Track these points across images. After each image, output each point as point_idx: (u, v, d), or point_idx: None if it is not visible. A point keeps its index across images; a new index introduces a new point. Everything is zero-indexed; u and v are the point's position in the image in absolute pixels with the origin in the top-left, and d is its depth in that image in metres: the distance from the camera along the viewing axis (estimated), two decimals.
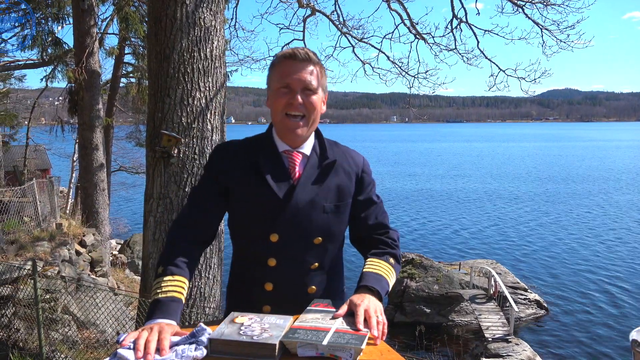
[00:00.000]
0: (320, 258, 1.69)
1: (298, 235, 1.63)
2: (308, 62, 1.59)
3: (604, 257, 22.02)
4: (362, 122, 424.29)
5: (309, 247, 1.66)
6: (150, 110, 4.23)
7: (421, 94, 10.53)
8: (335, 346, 1.22)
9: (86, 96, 10.70)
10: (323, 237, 1.66)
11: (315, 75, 1.60)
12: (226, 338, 1.25)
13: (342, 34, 9.68)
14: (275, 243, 1.62)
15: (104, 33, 14.87)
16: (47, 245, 7.96)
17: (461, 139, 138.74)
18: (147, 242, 4.28)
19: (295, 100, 1.57)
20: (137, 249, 16.44)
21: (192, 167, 4.14)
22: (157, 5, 4.04)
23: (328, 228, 1.66)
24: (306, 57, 1.59)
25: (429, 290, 16.94)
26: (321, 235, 1.66)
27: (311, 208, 1.62)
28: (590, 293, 17.96)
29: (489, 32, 8.81)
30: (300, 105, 1.57)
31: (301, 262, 1.66)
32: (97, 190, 11.17)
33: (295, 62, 1.58)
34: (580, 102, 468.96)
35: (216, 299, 4.39)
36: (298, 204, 1.60)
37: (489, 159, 72.40)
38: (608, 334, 14.91)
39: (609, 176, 49.50)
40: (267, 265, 1.64)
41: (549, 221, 29.17)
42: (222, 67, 4.30)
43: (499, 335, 14.13)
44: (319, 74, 1.62)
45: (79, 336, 6.51)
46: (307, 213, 1.62)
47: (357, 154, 1.79)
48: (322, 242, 1.66)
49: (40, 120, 26.54)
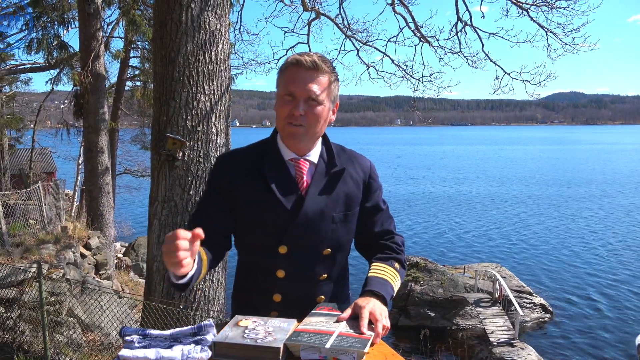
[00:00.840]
0: (329, 269, 1.67)
1: (307, 247, 1.60)
2: (315, 71, 1.52)
3: (609, 260, 21.90)
4: (367, 125, 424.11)
5: (318, 259, 1.63)
6: (156, 114, 4.24)
7: (426, 97, 10.53)
8: (338, 349, 1.22)
9: (92, 99, 10.75)
10: (332, 248, 1.64)
11: (322, 85, 1.54)
12: (230, 341, 1.25)
13: (346, 37, 9.70)
14: (284, 255, 1.59)
15: (110, 36, 14.95)
16: (52, 248, 7.99)
17: (466, 142, 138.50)
18: (151, 245, 4.29)
19: (297, 111, 1.51)
20: (142, 252, 16.46)
21: (197, 170, 4.15)
22: (162, 8, 4.06)
23: (337, 239, 1.64)
24: (313, 66, 1.52)
25: (433, 293, 16.89)
26: (330, 246, 1.63)
27: (320, 219, 1.59)
28: (596, 297, 17.86)
29: (493, 35, 8.81)
30: (302, 116, 1.52)
31: (310, 274, 1.64)
32: (102, 193, 11.21)
33: (301, 70, 1.52)
34: (585, 105, 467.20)
35: (220, 302, 4.39)
36: (307, 215, 1.57)
37: (493, 162, 72.23)
38: (613, 339, 14.81)
39: (614, 180, 49.27)
40: (275, 277, 1.61)
41: (554, 224, 29.05)
42: (227, 71, 4.32)
43: (503, 339, 14.07)
44: (327, 83, 1.55)
45: (83, 339, 6.52)
46: (317, 224, 1.59)
47: (364, 158, 1.76)
48: (330, 253, 1.64)
49: (46, 124, 26.67)
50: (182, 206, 4.13)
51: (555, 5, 8.00)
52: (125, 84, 17.32)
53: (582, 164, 67.28)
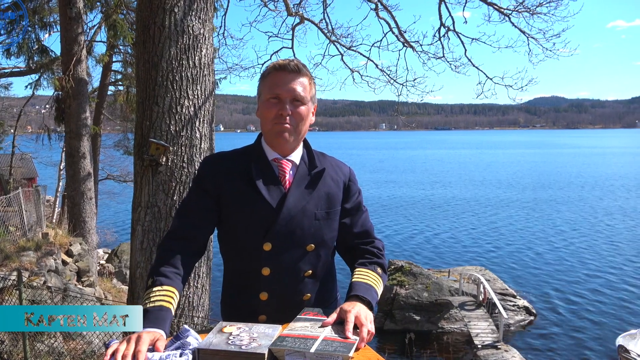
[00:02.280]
0: (314, 265, 1.70)
1: (291, 243, 1.64)
2: (298, 74, 1.63)
3: (591, 262, 22.20)
4: (351, 129, 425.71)
5: (302, 255, 1.67)
6: (139, 119, 4.21)
7: (410, 101, 10.63)
8: (323, 354, 1.21)
9: (73, 104, 10.61)
10: (315, 244, 1.68)
11: (304, 86, 1.64)
12: (215, 348, 1.24)
13: (330, 42, 9.73)
14: (268, 252, 1.63)
15: (92, 40, 14.79)
16: (32, 255, 7.86)
17: (449, 147, 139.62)
18: (134, 251, 4.24)
19: (285, 111, 1.60)
20: (125, 258, 16.26)
21: (180, 176, 4.12)
22: (145, 13, 4.03)
23: (320, 235, 1.68)
24: (296, 69, 1.62)
25: (418, 297, 16.94)
26: (314, 242, 1.67)
27: (303, 215, 1.64)
28: (578, 299, 18.08)
29: (476, 40, 8.91)
30: (289, 116, 1.61)
31: (295, 270, 1.67)
32: (84, 199, 11.06)
33: (285, 73, 1.62)
34: (566, 109, 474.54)
35: (205, 308, 4.36)
36: (290, 212, 1.62)
37: (476, 166, 72.87)
38: (596, 340, 15.00)
39: (595, 183, 50.01)
40: (261, 275, 1.64)
41: (537, 227, 29.39)
42: (210, 75, 4.30)
43: (488, 342, 14.15)
44: (308, 85, 1.65)
45: (65, 347, 6.41)
46: (300, 221, 1.64)
47: (344, 164, 1.83)
48: (314, 249, 1.68)
49: (27, 129, 26.23)
50: (166, 212, 4.09)
51: (536, 11, 8.13)
52: (108, 88, 17.15)
53: (563, 168, 68.20)
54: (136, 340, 1.25)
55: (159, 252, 1.62)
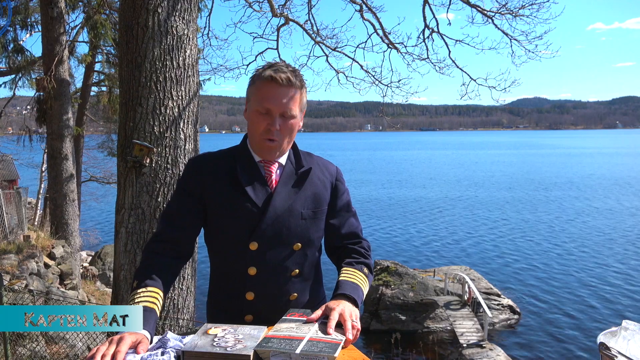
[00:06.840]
0: (300, 264, 1.70)
1: (277, 242, 1.64)
2: (289, 87, 1.59)
3: (574, 261, 22.51)
4: (337, 130, 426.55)
5: (288, 254, 1.67)
6: (122, 120, 4.17)
7: (394, 102, 10.66)
8: (308, 355, 1.22)
9: (55, 105, 10.46)
10: (302, 243, 1.68)
11: (295, 100, 1.61)
12: (200, 350, 1.24)
13: (315, 43, 9.73)
14: (254, 251, 1.62)
15: (74, 41, 14.61)
16: (14, 258, 7.73)
17: (434, 147, 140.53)
18: (118, 254, 4.20)
19: (274, 127, 1.58)
20: (109, 261, 16.09)
21: (164, 177, 4.09)
22: (128, 13, 4.00)
23: (306, 234, 1.68)
24: (287, 82, 1.58)
25: (404, 297, 17.02)
26: (300, 241, 1.67)
27: (289, 215, 1.64)
28: (561, 297, 18.30)
29: (460, 42, 8.98)
30: (277, 131, 1.59)
31: (281, 270, 1.67)
32: (67, 201, 10.91)
33: (276, 87, 1.58)
34: (549, 110, 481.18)
35: (190, 310, 4.33)
36: (276, 211, 1.62)
37: (461, 167, 73.44)
38: (578, 337, 15.20)
39: (577, 183, 50.71)
40: (247, 275, 1.64)
41: (520, 226, 29.70)
42: (195, 76, 4.28)
43: (473, 341, 14.27)
44: (299, 97, 1.63)
45: (47, 351, 6.32)
46: (286, 220, 1.64)
47: (331, 163, 1.83)
48: (301, 248, 1.68)
49: (8, 130, 25.81)
50: (150, 213, 4.06)
51: (518, 14, 8.22)
52: (90, 89, 16.94)
53: (546, 168, 69.01)
54: (118, 341, 1.25)
55: (144, 255, 1.62)
